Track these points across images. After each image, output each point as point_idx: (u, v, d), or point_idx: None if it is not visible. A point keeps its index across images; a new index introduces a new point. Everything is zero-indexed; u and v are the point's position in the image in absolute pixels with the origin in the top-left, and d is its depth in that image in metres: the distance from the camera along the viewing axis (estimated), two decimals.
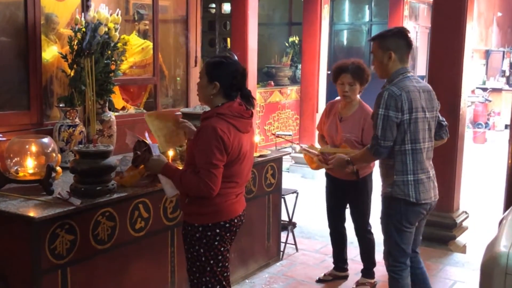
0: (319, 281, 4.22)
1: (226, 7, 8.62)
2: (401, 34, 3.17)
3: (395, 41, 3.14)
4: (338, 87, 3.89)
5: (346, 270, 4.28)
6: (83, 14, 3.87)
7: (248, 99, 2.77)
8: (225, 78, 2.69)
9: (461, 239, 5.10)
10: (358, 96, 3.92)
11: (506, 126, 13.51)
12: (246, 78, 2.80)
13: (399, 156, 3.09)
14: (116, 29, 3.76)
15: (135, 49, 5.04)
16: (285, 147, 8.80)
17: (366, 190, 3.97)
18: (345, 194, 4.04)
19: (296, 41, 10.70)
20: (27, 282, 2.74)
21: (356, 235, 4.11)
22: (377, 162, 3.95)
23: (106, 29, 3.66)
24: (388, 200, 3.18)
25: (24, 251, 2.73)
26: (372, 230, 4.07)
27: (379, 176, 3.28)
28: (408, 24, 11.06)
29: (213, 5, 8.62)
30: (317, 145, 4.11)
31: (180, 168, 2.94)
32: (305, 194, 6.36)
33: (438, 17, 4.94)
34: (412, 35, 11.00)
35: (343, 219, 4.17)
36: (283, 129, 9.77)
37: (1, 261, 2.84)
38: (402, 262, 3.20)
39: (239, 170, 2.73)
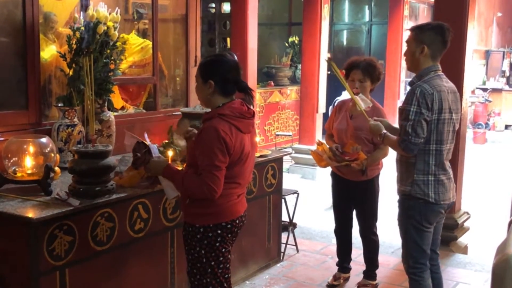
0: (330, 286, 4.16)
1: (226, 7, 8.57)
2: (440, 30, 3.07)
3: (432, 35, 3.06)
4: (349, 84, 3.87)
5: (350, 270, 4.25)
6: (82, 13, 3.84)
7: (246, 91, 2.73)
8: (218, 75, 2.67)
9: (462, 239, 5.07)
10: (369, 95, 3.88)
11: (506, 127, 13.50)
12: (240, 71, 2.75)
13: (421, 155, 3.05)
14: (115, 28, 3.74)
15: (135, 48, 5.00)
16: (285, 148, 8.78)
17: (373, 191, 3.94)
18: (351, 194, 4.00)
19: (296, 41, 10.68)
20: (25, 283, 2.70)
21: (360, 236, 4.07)
22: (386, 161, 3.94)
23: (105, 28, 3.63)
24: (406, 199, 3.13)
25: (22, 252, 2.70)
26: (378, 232, 4.04)
27: (386, 178, 3.24)
28: (408, 24, 11.03)
29: (213, 5, 8.58)
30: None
31: (180, 169, 2.91)
32: (306, 194, 6.33)
33: (439, 17, 4.91)
34: None
35: (350, 219, 4.13)
36: (283, 129, 9.74)
37: None
38: (423, 263, 3.16)
39: (241, 171, 2.70)
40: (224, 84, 2.68)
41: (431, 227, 3.16)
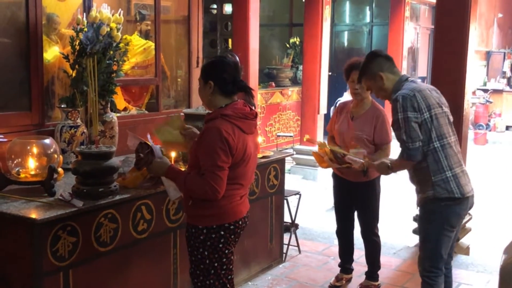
0: (333, 287, 4.16)
1: (228, 8, 8.60)
2: (374, 56, 3.22)
3: (374, 64, 3.17)
4: (349, 84, 3.88)
5: (352, 271, 4.25)
6: (84, 14, 3.84)
7: (246, 90, 2.74)
8: (217, 74, 2.69)
9: (464, 240, 5.07)
10: (369, 96, 3.88)
11: (507, 128, 13.51)
12: (240, 71, 2.76)
13: (430, 156, 3.03)
14: (118, 29, 3.73)
15: (137, 49, 5.01)
16: (286, 148, 8.79)
17: (374, 192, 3.94)
18: (352, 195, 4.01)
19: (297, 42, 10.68)
20: (29, 284, 2.71)
21: (362, 237, 4.07)
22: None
23: (108, 29, 3.63)
24: (429, 203, 3.09)
25: (26, 253, 2.70)
26: (379, 233, 4.05)
27: (387, 179, 3.22)
28: (409, 25, 11.05)
29: (215, 6, 8.60)
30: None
31: (183, 170, 2.91)
32: (307, 195, 6.33)
33: (441, 18, 4.92)
34: (413, 36, 10.93)
35: (351, 220, 4.14)
36: (284, 130, 9.74)
37: (2, 263, 2.81)
38: (439, 268, 3.14)
39: (243, 171, 2.70)
40: (223, 84, 2.69)
41: (454, 230, 3.12)
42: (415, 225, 4.70)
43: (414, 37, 11.77)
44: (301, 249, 4.88)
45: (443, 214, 3.06)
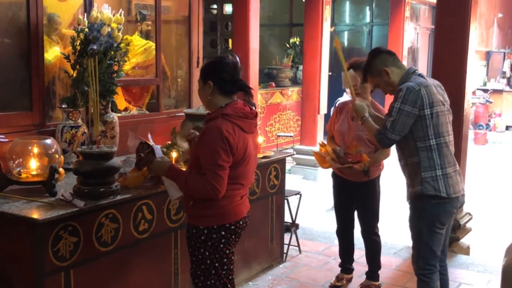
0: (333, 287, 4.17)
1: (228, 8, 8.61)
2: (376, 52, 3.22)
3: (378, 60, 3.17)
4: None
5: (352, 271, 4.25)
6: (85, 14, 3.84)
7: (245, 89, 2.75)
8: (216, 74, 2.70)
9: (464, 240, 5.07)
10: (369, 96, 3.88)
11: (507, 128, 13.51)
12: (239, 71, 2.77)
13: (424, 152, 3.05)
14: (119, 30, 3.74)
15: (138, 49, 5.01)
16: (286, 148, 8.79)
17: (374, 192, 3.95)
18: (352, 195, 4.01)
19: (297, 42, 10.68)
20: (30, 284, 2.71)
21: (362, 237, 4.08)
22: (387, 162, 3.93)
23: (109, 30, 3.64)
24: (418, 200, 3.12)
25: (27, 253, 2.71)
26: (380, 233, 4.05)
27: (387, 179, 3.22)
28: (409, 25, 11.05)
29: (215, 6, 8.61)
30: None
31: (184, 169, 2.92)
32: (307, 195, 6.34)
33: (442, 18, 4.92)
34: (413, 36, 10.87)
35: (352, 220, 4.14)
36: (284, 130, 9.74)
37: (4, 263, 2.82)
38: (433, 264, 3.15)
39: (244, 171, 2.71)
40: (223, 84, 2.70)
41: (444, 228, 3.14)
42: None
43: (414, 37, 11.77)
44: (302, 249, 4.89)
45: (433, 212, 3.08)
